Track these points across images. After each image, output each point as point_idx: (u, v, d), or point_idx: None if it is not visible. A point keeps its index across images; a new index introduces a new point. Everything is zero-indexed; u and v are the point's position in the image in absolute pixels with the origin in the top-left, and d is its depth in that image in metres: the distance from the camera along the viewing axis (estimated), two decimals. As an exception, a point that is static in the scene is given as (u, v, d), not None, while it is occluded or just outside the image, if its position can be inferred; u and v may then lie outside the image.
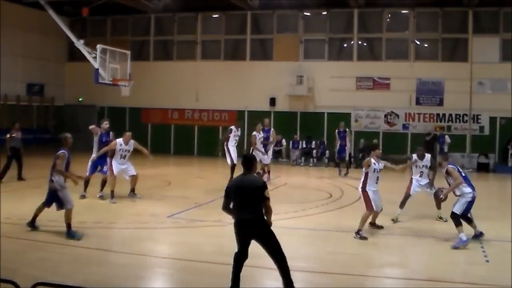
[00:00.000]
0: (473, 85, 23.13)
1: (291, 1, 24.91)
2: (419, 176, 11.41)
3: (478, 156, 22.61)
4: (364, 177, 10.13)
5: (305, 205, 12.93)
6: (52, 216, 9.98)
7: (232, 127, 16.61)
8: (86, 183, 12.76)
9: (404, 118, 24.10)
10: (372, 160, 10.11)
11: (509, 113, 22.24)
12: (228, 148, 16.02)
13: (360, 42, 24.99)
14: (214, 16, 26.84)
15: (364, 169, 10.28)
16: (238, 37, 26.55)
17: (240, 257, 6.62)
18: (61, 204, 9.19)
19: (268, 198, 6.55)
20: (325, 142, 24.29)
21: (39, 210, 9.42)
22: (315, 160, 23.90)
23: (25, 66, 26.11)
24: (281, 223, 10.95)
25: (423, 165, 11.40)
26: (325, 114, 24.96)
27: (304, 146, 24.10)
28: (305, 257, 8.45)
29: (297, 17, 25.62)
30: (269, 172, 17.30)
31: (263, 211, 6.57)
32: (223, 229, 10.40)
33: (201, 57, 27.01)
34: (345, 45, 25.42)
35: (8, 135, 15.79)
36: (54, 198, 9.23)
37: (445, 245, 9.21)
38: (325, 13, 25.33)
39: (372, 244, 9.42)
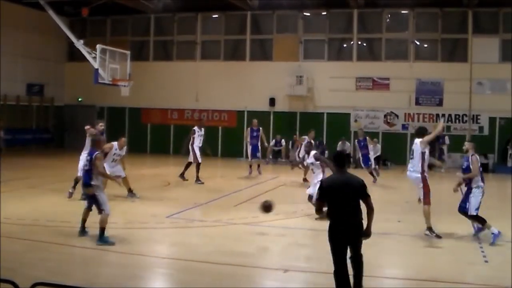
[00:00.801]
0: (472, 85, 23.14)
1: (291, 1, 24.91)
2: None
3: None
4: (422, 159, 9.41)
5: (305, 205, 12.91)
6: (52, 216, 9.99)
7: (195, 127, 16.83)
8: (76, 181, 12.66)
9: (403, 118, 24.10)
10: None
11: (509, 113, 22.23)
12: (193, 148, 16.47)
13: (360, 42, 25.00)
14: (214, 16, 26.84)
15: (421, 148, 9.42)
16: (238, 37, 26.55)
17: (342, 270, 5.96)
18: (101, 209, 8.89)
19: (369, 196, 6.07)
20: (325, 142, 24.27)
21: (85, 215, 9.20)
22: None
23: (25, 66, 26.09)
24: (281, 223, 10.98)
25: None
26: (325, 114, 24.96)
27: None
28: (305, 257, 8.45)
29: (297, 17, 25.62)
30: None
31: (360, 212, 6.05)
32: (223, 229, 10.42)
33: (201, 57, 27.01)
34: (345, 45, 25.42)
35: None
36: (93, 202, 8.99)
37: (445, 245, 9.22)
38: (325, 13, 25.33)
39: (372, 244, 9.39)
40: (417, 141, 9.65)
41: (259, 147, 18.23)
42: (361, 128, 20.17)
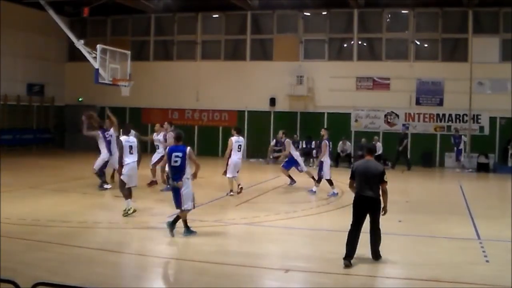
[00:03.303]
0: (473, 85, 23.12)
1: (291, 1, 24.89)
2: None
3: (478, 156, 22.60)
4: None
5: (305, 205, 12.93)
6: (52, 216, 9.99)
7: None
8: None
9: (404, 118, 24.08)
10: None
11: (509, 113, 22.21)
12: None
13: (360, 42, 24.98)
14: (214, 16, 26.83)
15: None
16: (238, 37, 26.54)
17: (355, 229, 7.78)
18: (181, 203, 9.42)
19: (386, 182, 7.86)
20: (325, 142, 24.21)
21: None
22: (315, 160, 23.85)
23: (25, 66, 26.08)
24: (281, 223, 10.98)
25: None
26: (325, 114, 24.94)
27: (304, 146, 24.03)
28: (305, 257, 8.45)
29: (297, 17, 25.61)
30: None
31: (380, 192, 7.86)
32: (223, 229, 10.42)
33: (201, 57, 27.01)
34: (345, 45, 25.41)
35: None
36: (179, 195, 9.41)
37: (445, 245, 9.21)
38: (325, 13, 25.32)
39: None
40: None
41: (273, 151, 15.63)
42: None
